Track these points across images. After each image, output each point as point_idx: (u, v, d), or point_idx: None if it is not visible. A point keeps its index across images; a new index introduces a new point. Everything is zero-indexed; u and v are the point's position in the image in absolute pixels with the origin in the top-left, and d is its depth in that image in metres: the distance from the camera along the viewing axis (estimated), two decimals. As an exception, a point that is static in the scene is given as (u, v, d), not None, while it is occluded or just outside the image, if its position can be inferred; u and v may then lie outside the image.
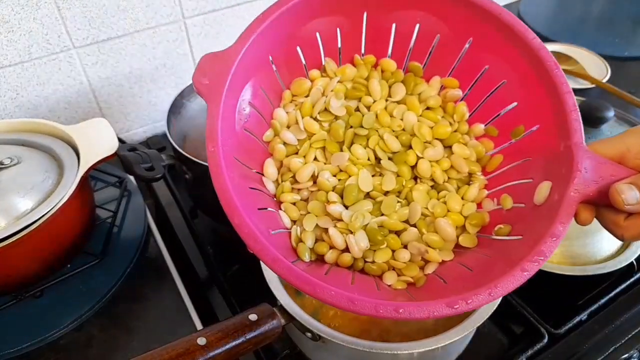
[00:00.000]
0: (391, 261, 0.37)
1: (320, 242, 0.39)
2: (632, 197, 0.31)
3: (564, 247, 0.61)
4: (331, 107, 0.40)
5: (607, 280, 0.62)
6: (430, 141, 0.40)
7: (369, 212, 0.38)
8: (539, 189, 0.35)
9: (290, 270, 0.33)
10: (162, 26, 0.78)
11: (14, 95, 0.73)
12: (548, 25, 1.14)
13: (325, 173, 0.39)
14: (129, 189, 0.70)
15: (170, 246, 0.67)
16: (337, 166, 0.39)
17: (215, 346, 0.41)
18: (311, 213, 0.39)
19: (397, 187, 0.39)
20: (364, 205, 0.38)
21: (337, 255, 0.38)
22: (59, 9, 0.69)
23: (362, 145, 0.40)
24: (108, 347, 0.55)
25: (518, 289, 0.32)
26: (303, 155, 0.40)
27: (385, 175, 0.39)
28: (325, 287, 0.31)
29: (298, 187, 0.40)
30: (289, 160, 0.40)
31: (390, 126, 0.41)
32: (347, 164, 0.39)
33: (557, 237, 0.32)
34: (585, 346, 0.57)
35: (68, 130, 0.60)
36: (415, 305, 0.31)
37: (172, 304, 0.59)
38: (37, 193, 0.54)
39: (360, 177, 0.38)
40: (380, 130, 0.40)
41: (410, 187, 0.39)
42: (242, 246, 0.34)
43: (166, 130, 0.64)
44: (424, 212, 0.39)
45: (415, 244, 0.37)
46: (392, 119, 0.41)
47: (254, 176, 0.40)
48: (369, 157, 0.40)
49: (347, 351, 0.44)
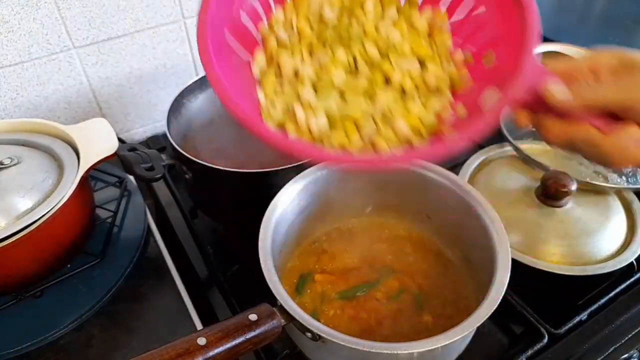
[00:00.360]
0: (346, 144, 0.41)
1: (286, 116, 0.42)
2: (560, 91, 0.34)
3: (564, 247, 0.61)
4: (325, 14, 0.44)
5: (607, 280, 0.63)
6: (409, 57, 0.43)
7: (335, 102, 0.42)
8: (487, 96, 0.38)
9: (260, 125, 0.38)
10: (162, 26, 0.78)
11: (14, 95, 0.73)
12: (548, 25, 1.13)
13: (307, 68, 0.43)
14: (129, 189, 0.70)
15: (170, 246, 0.67)
16: (318, 65, 0.43)
17: (215, 346, 0.41)
18: (285, 95, 0.43)
19: (368, 89, 0.42)
20: (332, 96, 0.42)
21: (298, 130, 0.41)
22: (59, 9, 0.69)
23: (345, 51, 0.43)
24: (108, 347, 0.55)
25: (517, 289, 0.32)
26: (291, 52, 0.44)
27: (359, 77, 0.42)
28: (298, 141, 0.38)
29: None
30: (277, 52, 0.43)
31: (375, 40, 0.43)
32: (327, 62, 0.42)
33: (489, 124, 0.36)
34: (585, 346, 0.57)
35: (68, 130, 0.60)
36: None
37: (172, 304, 0.59)
38: (37, 193, 0.54)
39: (334, 73, 0.42)
40: (364, 40, 0.43)
41: (379, 91, 0.42)
42: (242, 246, 0.34)
43: (166, 130, 0.64)
44: (385, 112, 0.42)
45: (368, 131, 0.41)
46: (378, 34, 0.43)
47: (240, 55, 0.43)
48: (349, 60, 0.43)
49: (347, 351, 0.44)
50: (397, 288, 0.57)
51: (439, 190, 0.57)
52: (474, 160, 0.73)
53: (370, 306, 0.56)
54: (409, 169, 0.58)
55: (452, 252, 0.60)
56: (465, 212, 0.55)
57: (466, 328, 0.43)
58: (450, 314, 0.55)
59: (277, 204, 0.53)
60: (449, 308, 0.55)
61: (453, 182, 0.56)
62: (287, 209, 0.55)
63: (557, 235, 0.62)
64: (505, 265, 0.47)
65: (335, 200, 0.62)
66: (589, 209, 0.65)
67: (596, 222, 0.63)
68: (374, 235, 0.64)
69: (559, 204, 0.64)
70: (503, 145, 0.75)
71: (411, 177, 0.59)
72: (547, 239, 0.62)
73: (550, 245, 0.61)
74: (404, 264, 0.60)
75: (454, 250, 0.60)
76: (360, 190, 0.62)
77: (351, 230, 0.64)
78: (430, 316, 0.54)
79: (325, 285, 0.58)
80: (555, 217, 0.64)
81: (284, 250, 0.58)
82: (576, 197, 0.65)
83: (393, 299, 0.56)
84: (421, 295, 0.56)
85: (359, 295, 0.56)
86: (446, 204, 0.57)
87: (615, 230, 0.64)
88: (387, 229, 0.64)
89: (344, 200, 0.63)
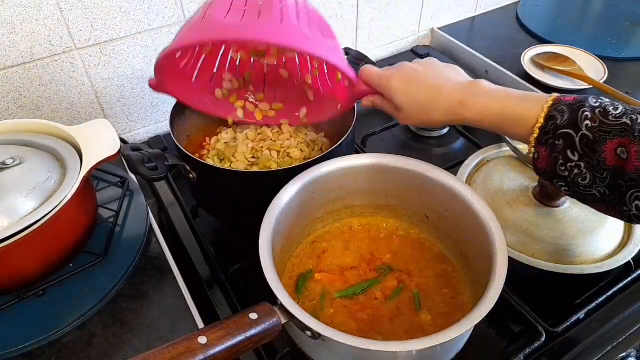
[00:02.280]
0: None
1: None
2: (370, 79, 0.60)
3: (562, 246, 0.62)
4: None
5: (604, 279, 0.63)
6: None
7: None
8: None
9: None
10: (164, 28, 0.79)
11: (17, 96, 0.74)
12: (546, 27, 1.14)
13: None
14: (131, 189, 0.70)
15: (171, 245, 0.67)
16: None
17: (216, 344, 0.41)
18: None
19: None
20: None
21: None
22: (61, 11, 0.70)
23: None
24: (110, 345, 0.56)
25: (515, 288, 0.32)
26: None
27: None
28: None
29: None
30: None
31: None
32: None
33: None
34: (582, 345, 0.58)
35: (70, 130, 0.61)
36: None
37: (173, 303, 0.60)
38: (40, 193, 0.54)
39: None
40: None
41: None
42: (243, 245, 0.35)
43: (170, 130, 0.64)
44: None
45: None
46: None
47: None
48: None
49: (346, 349, 0.45)
50: (395, 287, 0.58)
51: (438, 190, 0.58)
52: (472, 161, 0.73)
53: (370, 305, 0.56)
54: (408, 169, 0.59)
55: (450, 251, 0.61)
56: (463, 211, 0.55)
57: (464, 327, 0.43)
58: (448, 312, 0.55)
59: (277, 204, 0.54)
60: (447, 307, 0.56)
61: (451, 182, 0.57)
62: (287, 209, 0.55)
63: (554, 235, 0.63)
64: (503, 264, 0.48)
65: (335, 200, 0.63)
66: (586, 208, 0.64)
67: (593, 221, 0.64)
68: (373, 234, 0.64)
69: (556, 203, 0.65)
70: (501, 146, 0.75)
71: (410, 177, 0.59)
72: (544, 238, 0.62)
73: (547, 244, 0.62)
74: (402, 263, 0.60)
75: (452, 250, 0.60)
76: (359, 190, 0.63)
77: (351, 229, 0.65)
78: (428, 315, 0.55)
79: (325, 284, 0.58)
80: (552, 217, 0.64)
81: (284, 250, 0.58)
82: (574, 197, 0.65)
83: (392, 297, 0.57)
84: (420, 294, 0.57)
85: (358, 294, 0.57)
86: (444, 203, 0.58)
87: (612, 230, 0.64)
88: (386, 229, 0.65)
89: (343, 200, 0.63)
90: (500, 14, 1.21)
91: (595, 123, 0.44)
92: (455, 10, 1.16)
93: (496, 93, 0.52)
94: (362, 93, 0.61)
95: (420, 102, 0.55)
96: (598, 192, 0.45)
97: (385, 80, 0.57)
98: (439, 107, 0.54)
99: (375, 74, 0.58)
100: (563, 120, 0.46)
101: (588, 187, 0.46)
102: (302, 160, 0.67)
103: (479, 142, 0.81)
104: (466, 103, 0.52)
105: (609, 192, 0.45)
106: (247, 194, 0.61)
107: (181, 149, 0.62)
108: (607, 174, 0.44)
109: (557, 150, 0.46)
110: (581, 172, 0.45)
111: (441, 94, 0.54)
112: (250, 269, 0.59)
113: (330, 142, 0.73)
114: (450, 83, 0.54)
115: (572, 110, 0.46)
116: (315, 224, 0.63)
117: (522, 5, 1.23)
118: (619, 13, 1.19)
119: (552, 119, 0.47)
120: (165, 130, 0.80)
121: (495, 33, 1.13)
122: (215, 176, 0.62)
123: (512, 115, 0.50)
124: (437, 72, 0.56)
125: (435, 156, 0.85)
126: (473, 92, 0.52)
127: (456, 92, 0.53)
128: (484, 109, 0.51)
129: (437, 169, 0.58)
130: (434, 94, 0.54)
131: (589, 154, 0.44)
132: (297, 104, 0.69)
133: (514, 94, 0.51)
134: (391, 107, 0.58)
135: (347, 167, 0.60)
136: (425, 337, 0.43)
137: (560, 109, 0.46)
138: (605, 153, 0.44)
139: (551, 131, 0.46)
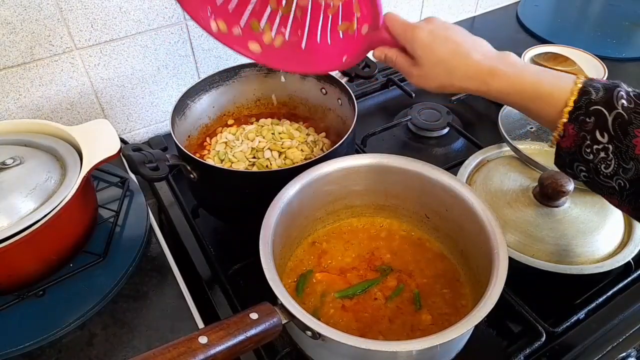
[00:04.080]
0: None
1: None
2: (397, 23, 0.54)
3: (562, 246, 0.62)
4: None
5: (604, 279, 0.63)
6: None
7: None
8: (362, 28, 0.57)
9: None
10: (164, 28, 0.79)
11: (17, 96, 0.74)
12: (546, 27, 1.14)
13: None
14: (131, 189, 0.71)
15: (171, 245, 0.67)
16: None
17: (216, 344, 0.41)
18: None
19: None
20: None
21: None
22: (61, 11, 0.70)
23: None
24: (110, 345, 0.56)
25: (515, 288, 0.32)
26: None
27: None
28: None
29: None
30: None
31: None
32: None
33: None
34: (582, 345, 0.58)
35: (70, 131, 0.61)
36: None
37: (173, 303, 0.60)
38: (40, 193, 0.54)
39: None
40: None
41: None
42: (243, 245, 0.35)
43: (170, 130, 0.64)
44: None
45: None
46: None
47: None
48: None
49: (347, 349, 0.45)
50: (395, 287, 0.58)
51: (438, 190, 0.58)
52: (472, 161, 0.73)
53: (370, 305, 0.56)
54: (408, 169, 0.59)
55: (450, 251, 0.61)
56: (463, 211, 0.55)
57: (464, 327, 0.43)
58: (448, 312, 0.55)
59: (277, 204, 0.54)
60: (447, 307, 0.56)
61: (451, 182, 0.57)
62: (288, 209, 0.55)
63: (554, 235, 0.63)
64: (503, 264, 0.48)
65: (335, 200, 0.63)
66: (586, 208, 0.65)
67: (593, 221, 0.64)
68: (373, 234, 0.64)
69: (556, 203, 0.65)
70: (501, 146, 0.75)
71: (410, 178, 0.59)
72: (544, 238, 0.62)
73: (547, 244, 0.62)
74: (402, 263, 0.60)
75: (452, 250, 0.61)
76: (360, 190, 0.63)
77: (351, 230, 0.65)
78: (428, 315, 0.55)
79: (325, 284, 0.58)
80: (552, 217, 0.64)
81: (285, 250, 0.58)
82: (573, 197, 0.65)
83: (392, 297, 0.57)
84: (420, 294, 0.57)
85: (359, 294, 0.57)
86: (444, 204, 0.58)
87: (613, 230, 0.64)
88: (387, 229, 0.65)
89: (344, 200, 0.63)
90: (500, 14, 1.21)
91: (631, 104, 0.43)
92: (455, 10, 1.16)
93: (529, 66, 0.50)
94: (380, 41, 0.55)
95: (444, 60, 0.51)
96: (618, 184, 0.44)
97: (410, 30, 0.52)
98: (464, 71, 0.50)
99: (400, 22, 0.53)
100: (597, 96, 0.44)
101: (609, 178, 0.44)
102: (302, 160, 0.68)
103: (479, 142, 0.81)
104: (497, 72, 0.49)
105: (629, 186, 0.43)
106: (248, 194, 0.61)
107: (181, 149, 0.62)
108: (633, 164, 0.42)
109: (586, 129, 0.44)
110: (607, 157, 0.43)
111: (469, 58, 0.50)
112: (250, 269, 0.59)
113: (331, 142, 0.73)
114: (481, 48, 0.51)
115: (607, 89, 0.44)
116: (316, 224, 0.63)
117: (522, 5, 1.23)
118: (618, 13, 1.19)
119: (587, 94, 0.45)
120: (165, 130, 0.80)
121: (495, 33, 1.13)
122: (216, 176, 0.62)
123: (544, 90, 0.47)
124: (467, 35, 0.52)
125: (435, 156, 0.85)
126: (505, 62, 0.49)
127: (486, 60, 0.50)
128: (516, 80, 0.48)
129: (437, 169, 0.58)
130: (461, 56, 0.50)
131: (620, 137, 0.43)
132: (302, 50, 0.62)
133: (546, 70, 0.49)
134: (408, 64, 0.54)
135: (347, 167, 0.60)
136: (425, 337, 0.43)
137: (594, 85, 0.45)
138: (636, 138, 0.41)
139: (584, 106, 0.44)
